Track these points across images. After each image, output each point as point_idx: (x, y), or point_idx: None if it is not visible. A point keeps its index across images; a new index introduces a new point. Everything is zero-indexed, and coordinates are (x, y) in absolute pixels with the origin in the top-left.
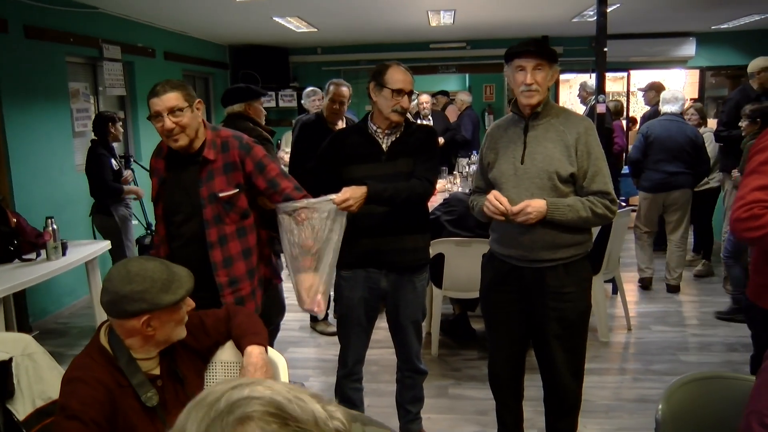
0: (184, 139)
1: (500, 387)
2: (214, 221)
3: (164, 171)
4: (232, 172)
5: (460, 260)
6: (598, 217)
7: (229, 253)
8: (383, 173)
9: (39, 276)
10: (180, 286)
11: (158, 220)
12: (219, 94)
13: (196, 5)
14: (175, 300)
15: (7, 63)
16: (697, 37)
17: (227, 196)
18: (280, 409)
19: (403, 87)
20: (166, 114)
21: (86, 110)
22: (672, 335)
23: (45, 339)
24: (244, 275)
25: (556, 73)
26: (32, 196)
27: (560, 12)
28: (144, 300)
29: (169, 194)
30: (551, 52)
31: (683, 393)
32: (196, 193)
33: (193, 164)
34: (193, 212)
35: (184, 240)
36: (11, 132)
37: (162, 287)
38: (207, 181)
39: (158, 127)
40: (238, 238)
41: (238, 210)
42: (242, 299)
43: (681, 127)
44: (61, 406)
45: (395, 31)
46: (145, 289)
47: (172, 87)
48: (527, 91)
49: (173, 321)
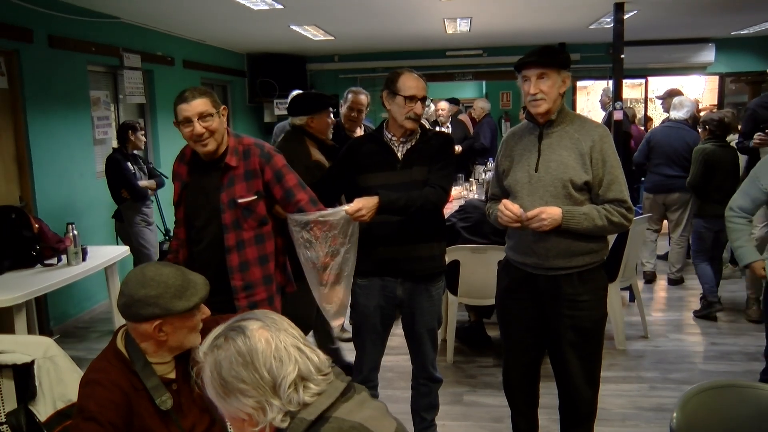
0: (212, 144)
1: (514, 394)
2: (232, 226)
3: (186, 176)
4: (252, 180)
5: (475, 267)
6: (614, 225)
7: (245, 258)
8: (398, 181)
9: (60, 281)
10: (194, 294)
11: (179, 224)
12: (237, 102)
13: (214, 14)
14: (187, 307)
15: (31, 72)
16: (716, 43)
17: (246, 203)
18: (248, 355)
19: (416, 93)
20: (196, 119)
21: (106, 118)
22: (690, 343)
23: (65, 342)
24: (259, 281)
25: (567, 79)
26: (53, 202)
27: (577, 19)
28: (157, 305)
29: (191, 198)
30: (558, 59)
31: (698, 401)
32: (217, 198)
33: (215, 170)
34: (213, 217)
35: (204, 244)
36: (34, 139)
37: (175, 293)
38: (228, 187)
39: (187, 132)
40: (256, 245)
41: (257, 217)
42: (256, 304)
43: (681, 134)
44: (79, 408)
45: (412, 39)
46: (158, 294)
47: (200, 93)
48: (533, 101)
49: (186, 328)
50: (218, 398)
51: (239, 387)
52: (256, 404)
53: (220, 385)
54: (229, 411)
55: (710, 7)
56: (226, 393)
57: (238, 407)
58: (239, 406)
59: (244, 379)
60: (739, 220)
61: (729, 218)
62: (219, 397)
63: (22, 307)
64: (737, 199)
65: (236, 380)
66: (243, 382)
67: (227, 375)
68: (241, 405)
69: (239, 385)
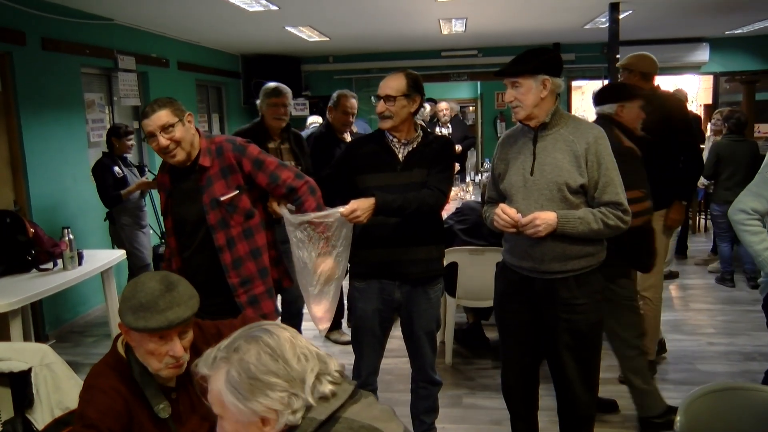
0: (180, 153)
1: (513, 397)
2: (219, 225)
3: (170, 184)
4: (230, 175)
5: (473, 269)
6: (610, 228)
7: (238, 255)
8: (398, 183)
9: (56, 286)
10: (146, 318)
11: (169, 233)
12: (232, 103)
13: (209, 16)
14: (133, 325)
15: (24, 74)
16: (710, 43)
17: (228, 199)
18: (278, 349)
19: (378, 92)
20: (159, 132)
21: (101, 120)
22: (688, 344)
23: (60, 347)
24: (255, 274)
25: (548, 82)
26: (48, 206)
27: (572, 19)
28: (120, 305)
29: (176, 206)
30: (528, 65)
31: (701, 404)
32: (199, 201)
33: (192, 173)
34: (200, 220)
35: (193, 249)
36: (28, 142)
37: (133, 306)
38: (207, 187)
39: (154, 146)
40: (245, 239)
41: (242, 211)
42: (256, 298)
43: None
44: (79, 415)
45: (407, 40)
46: (124, 297)
47: (160, 106)
48: (512, 108)
49: (143, 348)
50: (239, 402)
51: (269, 382)
52: (284, 398)
53: (246, 384)
54: (245, 416)
55: (704, 7)
56: (252, 392)
57: (261, 406)
58: (265, 404)
59: (275, 372)
60: (755, 222)
61: (742, 222)
62: (241, 399)
63: (18, 313)
64: (748, 201)
65: (267, 374)
66: (274, 376)
67: (256, 371)
68: (267, 402)
69: (270, 380)
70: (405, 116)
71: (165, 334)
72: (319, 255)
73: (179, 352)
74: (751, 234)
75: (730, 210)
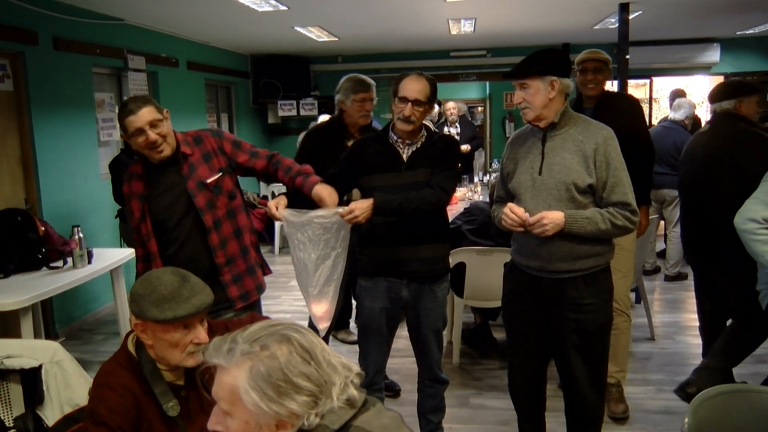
0: (167, 148)
1: (519, 397)
2: (207, 207)
3: (144, 189)
4: (212, 159)
5: (481, 269)
6: (618, 228)
7: (223, 235)
8: (402, 183)
9: (66, 284)
10: (172, 309)
11: (147, 238)
12: (241, 103)
13: (218, 16)
14: (159, 317)
15: (36, 74)
16: (721, 43)
17: (214, 181)
18: (311, 351)
19: (406, 95)
20: (148, 128)
21: (111, 120)
22: (697, 345)
23: (70, 345)
24: (237, 254)
25: (556, 83)
26: (58, 204)
27: (581, 19)
28: (137, 303)
29: (157, 203)
30: (535, 67)
31: (710, 406)
32: (184, 188)
33: (172, 165)
34: (187, 208)
35: (181, 240)
36: (39, 141)
37: (155, 300)
38: (191, 173)
39: (141, 142)
40: (229, 219)
41: (225, 192)
42: (239, 276)
43: (670, 134)
44: (89, 412)
45: (416, 40)
46: (142, 295)
47: (144, 102)
48: (520, 110)
49: (165, 341)
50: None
51: (299, 384)
52: (310, 403)
53: (275, 384)
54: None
55: (715, 8)
56: (280, 393)
57: (286, 410)
58: (290, 408)
59: (307, 375)
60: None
61: (753, 231)
62: (265, 400)
63: (29, 310)
64: (759, 210)
65: (298, 377)
66: (306, 379)
67: (288, 372)
68: (292, 406)
69: (300, 383)
70: (422, 120)
71: (189, 323)
72: (319, 257)
73: (204, 338)
74: (763, 243)
75: (736, 219)
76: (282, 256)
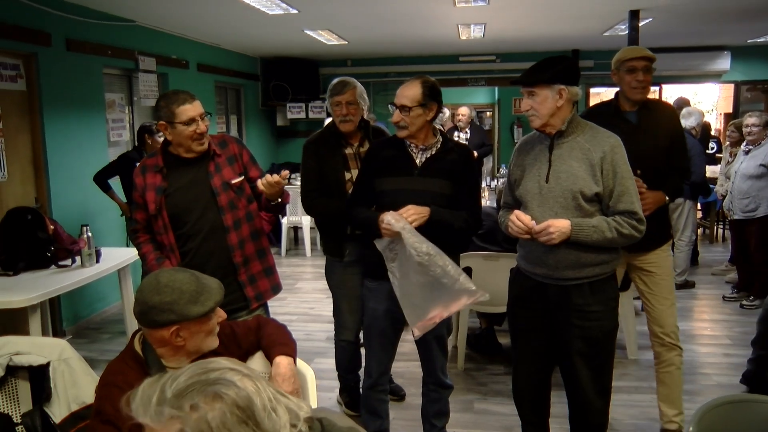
0: (207, 141)
1: (524, 403)
2: (228, 207)
3: (163, 181)
4: (234, 163)
5: (487, 274)
6: (624, 237)
7: (242, 236)
8: (413, 188)
9: (74, 282)
10: (209, 298)
11: (166, 230)
12: (250, 106)
13: (229, 19)
14: (202, 312)
15: (48, 75)
16: (731, 51)
17: (237, 183)
18: (248, 409)
19: (396, 101)
20: (200, 119)
21: (121, 120)
22: (703, 354)
23: (77, 343)
24: (254, 254)
25: (564, 92)
26: (68, 203)
27: (591, 26)
28: (173, 311)
29: (179, 197)
30: (543, 75)
31: (714, 416)
32: (209, 185)
33: (199, 161)
34: (208, 204)
35: (203, 234)
36: (51, 141)
37: (190, 298)
38: (216, 172)
39: (191, 131)
40: (248, 222)
41: (246, 195)
42: (254, 277)
43: None
44: (96, 410)
45: (425, 44)
46: (173, 300)
47: (193, 96)
48: (528, 117)
49: (203, 332)
50: None
51: None
52: None
53: None
54: None
55: (726, 15)
56: None
57: None
58: None
59: None
60: None
61: None
62: None
63: (37, 308)
64: None
65: None
66: None
67: None
68: None
69: None
70: (421, 124)
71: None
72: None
73: (224, 314)
74: None
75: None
76: (288, 258)
